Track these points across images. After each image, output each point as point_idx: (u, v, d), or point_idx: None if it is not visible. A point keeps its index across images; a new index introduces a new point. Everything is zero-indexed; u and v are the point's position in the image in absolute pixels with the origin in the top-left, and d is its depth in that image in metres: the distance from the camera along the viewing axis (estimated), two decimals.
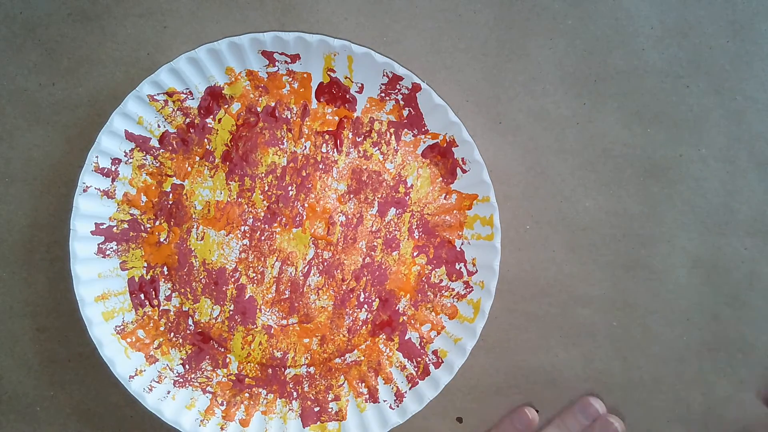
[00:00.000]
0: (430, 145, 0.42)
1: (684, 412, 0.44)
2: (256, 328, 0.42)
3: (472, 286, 0.42)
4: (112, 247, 0.41)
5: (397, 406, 0.41)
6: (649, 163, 0.44)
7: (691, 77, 0.44)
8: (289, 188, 0.42)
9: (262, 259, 0.42)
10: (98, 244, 0.40)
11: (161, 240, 0.42)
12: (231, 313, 0.42)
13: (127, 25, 0.43)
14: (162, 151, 0.41)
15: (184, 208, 0.41)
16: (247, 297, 0.42)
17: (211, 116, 0.41)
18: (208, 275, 0.42)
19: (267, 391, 0.42)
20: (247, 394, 0.42)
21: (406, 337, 0.42)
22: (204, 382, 0.42)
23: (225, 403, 0.42)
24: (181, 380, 0.41)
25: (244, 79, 0.41)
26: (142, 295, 0.42)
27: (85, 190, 0.39)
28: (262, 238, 0.42)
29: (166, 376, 0.41)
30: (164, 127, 0.41)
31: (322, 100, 0.42)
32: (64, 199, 0.43)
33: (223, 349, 0.42)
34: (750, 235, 0.44)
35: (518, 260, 0.44)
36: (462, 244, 0.42)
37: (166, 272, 0.42)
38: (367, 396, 0.42)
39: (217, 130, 0.42)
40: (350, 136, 0.42)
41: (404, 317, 0.42)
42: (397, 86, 0.40)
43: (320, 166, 0.42)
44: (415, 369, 0.42)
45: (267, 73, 0.41)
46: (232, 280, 0.42)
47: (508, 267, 0.43)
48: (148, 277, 0.42)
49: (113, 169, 0.40)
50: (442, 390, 0.41)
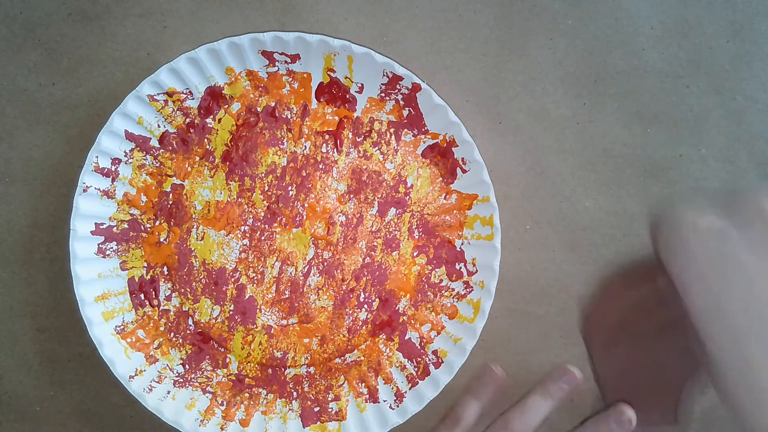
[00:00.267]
0: (430, 145, 0.42)
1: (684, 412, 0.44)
2: (256, 328, 0.42)
3: (472, 286, 0.42)
4: (112, 247, 0.41)
5: (397, 406, 0.41)
6: (649, 163, 0.44)
7: (691, 77, 0.44)
8: (289, 188, 0.42)
9: (262, 259, 0.42)
10: (98, 244, 0.40)
11: (161, 240, 0.42)
12: (231, 313, 0.42)
13: (127, 25, 0.43)
14: (162, 151, 0.41)
15: (184, 208, 0.41)
16: (247, 297, 0.42)
17: (211, 116, 0.41)
18: (208, 275, 0.42)
19: (267, 391, 0.42)
20: (247, 394, 0.42)
21: (406, 337, 0.42)
22: (204, 382, 0.42)
23: (225, 403, 0.42)
24: (181, 380, 0.41)
25: (244, 79, 0.41)
26: (142, 295, 0.41)
27: (85, 190, 0.39)
28: (262, 238, 0.42)
29: (166, 376, 0.41)
30: (164, 127, 0.41)
31: (322, 100, 0.42)
32: (64, 199, 0.43)
33: (223, 349, 0.42)
34: None
35: (518, 260, 0.44)
36: (462, 244, 0.42)
37: (166, 272, 0.42)
38: (367, 396, 0.42)
39: (217, 130, 0.42)
40: (350, 136, 0.42)
41: (404, 317, 0.42)
42: (397, 86, 0.40)
43: (320, 166, 0.42)
44: (415, 369, 0.42)
45: (267, 73, 0.41)
46: (232, 280, 0.42)
47: (508, 267, 0.43)
48: (148, 277, 0.42)
49: (113, 169, 0.40)
50: (442, 390, 0.41)
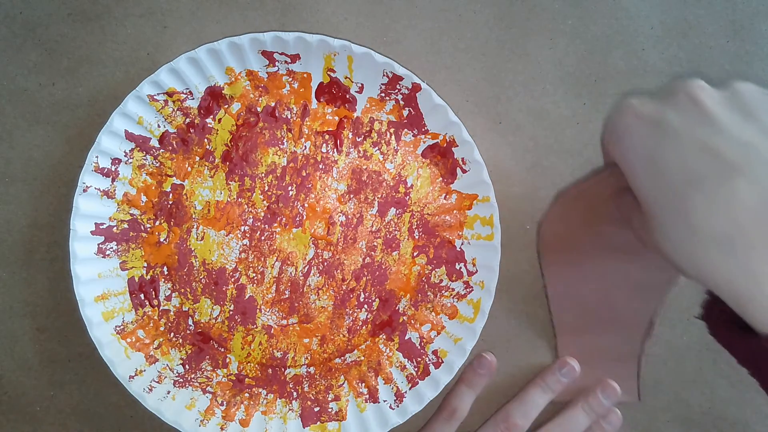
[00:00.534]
0: (430, 145, 0.42)
1: (684, 412, 0.44)
2: (256, 328, 0.42)
3: (472, 286, 0.42)
4: (112, 247, 0.41)
5: (397, 406, 0.41)
6: None
7: (691, 77, 0.44)
8: (289, 188, 0.42)
9: (262, 259, 0.42)
10: (98, 244, 0.40)
11: (161, 240, 0.42)
12: (231, 313, 0.42)
13: (127, 25, 0.43)
14: (162, 151, 0.41)
15: (184, 208, 0.41)
16: (247, 297, 0.42)
17: (211, 116, 0.41)
18: (208, 275, 0.42)
19: (267, 391, 0.42)
20: (247, 394, 0.42)
21: (406, 337, 0.42)
22: (204, 383, 0.42)
23: (225, 403, 0.42)
24: (181, 380, 0.41)
25: (244, 79, 0.41)
26: (142, 295, 0.41)
27: (85, 190, 0.39)
28: (262, 238, 0.42)
29: (166, 377, 0.41)
30: (164, 127, 0.41)
31: (322, 100, 0.42)
32: (64, 199, 0.43)
33: (223, 349, 0.42)
34: None
35: (518, 260, 0.44)
36: (462, 244, 0.42)
37: (166, 272, 0.42)
38: (367, 396, 0.42)
39: (217, 130, 0.42)
40: (350, 136, 0.42)
41: (404, 317, 0.42)
42: (397, 86, 0.40)
43: (320, 166, 0.42)
44: (415, 369, 0.42)
45: (267, 73, 0.41)
46: (232, 280, 0.42)
47: (508, 267, 0.43)
48: (148, 277, 0.42)
49: (113, 169, 0.40)
50: (442, 390, 0.41)
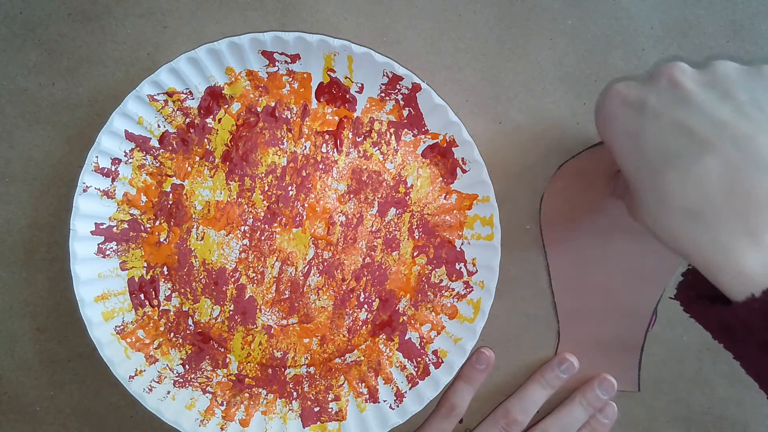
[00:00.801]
0: (430, 145, 0.42)
1: (684, 412, 0.44)
2: (256, 328, 0.42)
3: (472, 286, 0.42)
4: (112, 247, 0.41)
5: (397, 406, 0.41)
6: None
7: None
8: (289, 188, 0.42)
9: (262, 259, 0.42)
10: (98, 244, 0.40)
11: (161, 240, 0.42)
12: (231, 313, 0.42)
13: (127, 25, 0.43)
14: (162, 151, 0.41)
15: (184, 208, 0.41)
16: (247, 297, 0.42)
17: (211, 116, 0.41)
18: (208, 275, 0.42)
19: (267, 391, 0.42)
20: (247, 394, 0.42)
21: (406, 337, 0.42)
22: (204, 383, 0.42)
23: (225, 403, 0.42)
24: (181, 380, 0.41)
25: (244, 79, 0.41)
26: (142, 295, 0.41)
27: (85, 190, 0.39)
28: (262, 238, 0.42)
29: (166, 377, 0.41)
30: (164, 127, 0.41)
31: (322, 100, 0.42)
32: (64, 199, 0.43)
33: (223, 349, 0.42)
34: None
35: (518, 260, 0.44)
36: (462, 244, 0.42)
37: (166, 272, 0.42)
38: (367, 396, 0.42)
39: (217, 130, 0.42)
40: (350, 136, 0.42)
41: (404, 317, 0.42)
42: (397, 86, 0.40)
43: (320, 166, 0.42)
44: (415, 369, 0.42)
45: (267, 73, 0.41)
46: (232, 280, 0.42)
47: (508, 267, 0.43)
48: (148, 277, 0.42)
49: (113, 169, 0.40)
50: (442, 390, 0.41)
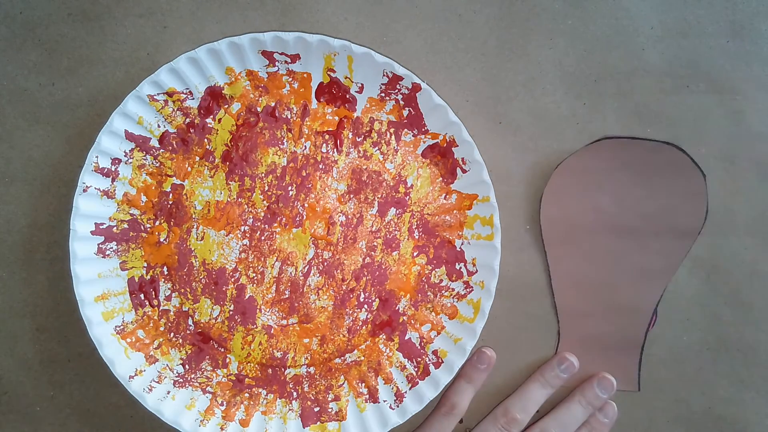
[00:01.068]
0: (430, 145, 0.42)
1: (684, 412, 0.44)
2: (256, 328, 0.42)
3: (472, 286, 0.42)
4: (112, 247, 0.41)
5: (397, 406, 0.41)
6: None
7: (691, 77, 0.44)
8: (289, 188, 0.42)
9: (262, 259, 0.42)
10: (98, 244, 0.40)
11: (161, 240, 0.42)
12: (231, 313, 0.42)
13: (127, 25, 0.43)
14: (162, 151, 0.41)
15: (184, 208, 0.41)
16: (247, 297, 0.42)
17: (211, 116, 0.41)
18: (208, 275, 0.42)
19: (267, 391, 0.42)
20: (247, 394, 0.42)
21: (406, 337, 0.42)
22: (204, 382, 0.42)
23: (225, 403, 0.42)
24: (181, 380, 0.41)
25: (244, 79, 0.41)
26: (142, 295, 0.41)
27: (85, 190, 0.39)
28: (262, 238, 0.42)
29: (166, 377, 0.41)
30: (164, 127, 0.41)
31: (322, 100, 0.42)
32: (64, 199, 0.43)
33: (223, 349, 0.42)
34: (750, 235, 0.44)
35: (518, 260, 0.44)
36: (462, 244, 0.42)
37: (166, 272, 0.42)
38: (367, 396, 0.42)
39: (217, 130, 0.42)
40: (350, 136, 0.42)
41: (404, 317, 0.42)
42: (397, 86, 0.40)
43: (320, 166, 0.42)
44: (415, 369, 0.42)
45: (267, 73, 0.41)
46: (232, 280, 0.42)
47: (508, 267, 0.43)
48: (148, 277, 0.42)
49: (113, 169, 0.40)
50: (442, 390, 0.41)
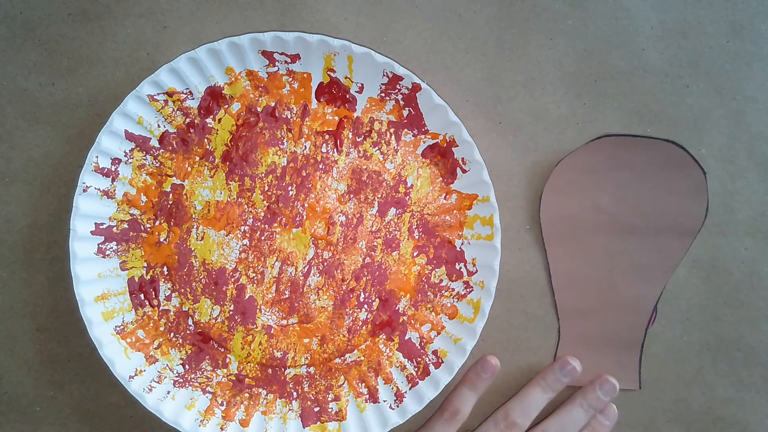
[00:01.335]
0: (430, 145, 0.42)
1: (684, 412, 0.44)
2: (256, 328, 0.42)
3: (472, 286, 0.42)
4: (112, 247, 0.41)
5: (397, 406, 0.41)
6: None
7: (691, 77, 0.44)
8: (289, 188, 0.42)
9: (262, 259, 0.42)
10: (98, 244, 0.40)
11: (161, 240, 0.42)
12: (231, 313, 0.42)
13: (127, 25, 0.43)
14: (162, 151, 0.41)
15: (184, 208, 0.41)
16: (247, 297, 0.42)
17: (211, 116, 0.41)
18: (208, 275, 0.42)
19: (267, 391, 0.42)
20: (247, 394, 0.42)
21: (406, 337, 0.42)
22: (204, 383, 0.42)
23: (225, 403, 0.42)
24: (181, 380, 0.41)
25: (244, 79, 0.41)
26: (142, 295, 0.41)
27: (85, 190, 0.39)
28: (262, 238, 0.42)
29: (165, 377, 0.41)
30: (164, 127, 0.41)
31: (322, 100, 0.42)
32: (64, 199, 0.43)
33: (223, 349, 0.42)
34: (750, 235, 0.44)
35: (518, 260, 0.44)
36: (462, 244, 0.42)
37: (166, 272, 0.42)
38: (367, 396, 0.42)
39: (217, 130, 0.42)
40: (350, 136, 0.42)
41: (404, 317, 0.42)
42: (397, 86, 0.40)
43: (320, 166, 0.42)
44: (415, 369, 0.42)
45: (267, 73, 0.41)
46: (232, 280, 0.42)
47: (508, 267, 0.43)
48: (148, 277, 0.42)
49: (113, 169, 0.40)
50: (442, 390, 0.41)
